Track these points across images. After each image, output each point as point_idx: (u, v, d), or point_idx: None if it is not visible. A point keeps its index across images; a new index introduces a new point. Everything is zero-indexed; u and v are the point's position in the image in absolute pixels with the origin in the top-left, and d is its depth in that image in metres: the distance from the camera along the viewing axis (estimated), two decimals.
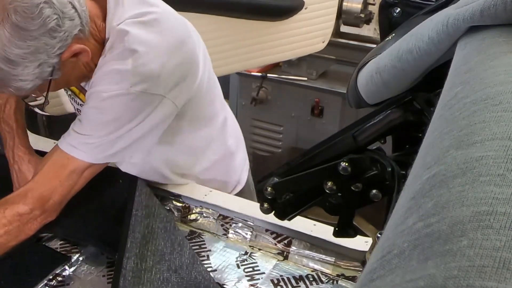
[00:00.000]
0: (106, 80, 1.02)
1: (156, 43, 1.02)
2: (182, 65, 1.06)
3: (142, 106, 1.03)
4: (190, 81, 1.09)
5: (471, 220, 0.24)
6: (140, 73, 1.00)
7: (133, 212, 1.04)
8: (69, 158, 1.05)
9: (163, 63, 1.01)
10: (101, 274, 1.06)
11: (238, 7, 1.82)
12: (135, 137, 1.06)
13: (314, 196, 0.84)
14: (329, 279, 1.04)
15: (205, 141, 1.29)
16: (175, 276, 0.98)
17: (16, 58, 0.90)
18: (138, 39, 1.00)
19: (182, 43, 1.07)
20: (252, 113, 2.65)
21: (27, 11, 0.87)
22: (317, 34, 2.05)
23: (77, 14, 0.94)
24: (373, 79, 0.69)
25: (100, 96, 1.02)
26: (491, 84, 0.33)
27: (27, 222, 1.03)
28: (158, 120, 1.06)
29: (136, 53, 0.99)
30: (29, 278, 1.03)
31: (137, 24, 1.02)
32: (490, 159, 0.27)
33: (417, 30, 0.57)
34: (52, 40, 0.92)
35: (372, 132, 0.77)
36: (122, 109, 1.02)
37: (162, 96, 1.04)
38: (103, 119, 1.03)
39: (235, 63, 1.93)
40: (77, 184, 1.07)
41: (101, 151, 1.05)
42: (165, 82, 1.03)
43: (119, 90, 1.00)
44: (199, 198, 1.23)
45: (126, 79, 0.99)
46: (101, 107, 1.03)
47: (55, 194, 1.05)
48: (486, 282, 0.21)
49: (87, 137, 1.04)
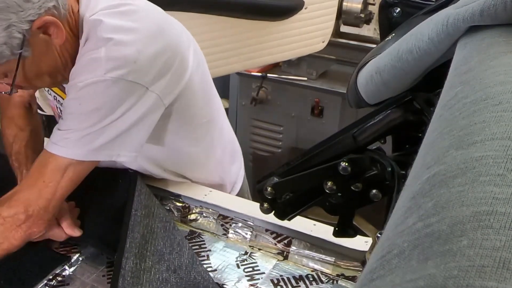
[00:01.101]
0: (82, 70, 0.98)
1: (131, 30, 0.98)
2: (162, 54, 1.01)
3: (122, 95, 0.98)
4: (176, 76, 1.05)
5: (471, 220, 0.24)
6: (114, 58, 0.96)
7: (133, 212, 1.04)
8: (50, 156, 1.00)
9: (138, 49, 0.97)
10: (101, 274, 1.06)
11: (238, 7, 1.82)
12: (119, 131, 1.00)
13: (314, 196, 0.84)
14: (329, 279, 1.04)
15: (201, 146, 1.26)
16: (174, 276, 0.98)
17: None
18: (112, 27, 0.97)
19: (161, 32, 1.03)
20: (252, 113, 2.65)
21: None
22: (317, 34, 2.05)
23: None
24: (373, 79, 0.69)
25: (77, 86, 0.98)
26: (491, 84, 0.33)
27: (11, 228, 0.97)
28: (142, 113, 1.01)
29: (110, 40, 0.96)
30: (29, 278, 1.03)
31: (111, 14, 0.98)
32: (490, 159, 0.27)
33: (417, 30, 0.57)
34: (25, 3, 0.88)
35: (372, 132, 0.77)
36: (100, 98, 0.98)
37: (145, 87, 0.99)
38: (82, 110, 0.98)
39: (235, 63, 1.93)
40: (62, 187, 1.01)
41: (82, 145, 0.99)
42: (144, 71, 0.98)
43: (94, 77, 0.96)
44: (199, 198, 1.23)
45: (100, 66, 0.96)
46: (78, 97, 0.98)
47: (40, 197, 0.99)
48: (486, 282, 0.21)
49: (67, 131, 0.99)
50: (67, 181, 1.01)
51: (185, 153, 1.25)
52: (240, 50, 1.91)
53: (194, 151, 1.26)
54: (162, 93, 1.03)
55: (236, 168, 1.42)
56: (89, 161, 1.03)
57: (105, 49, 0.95)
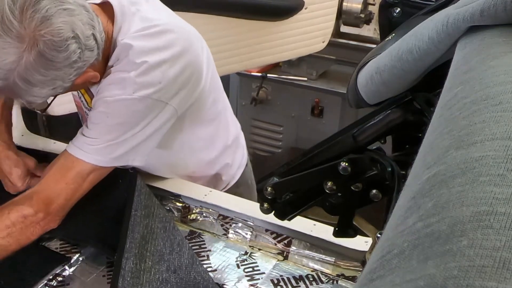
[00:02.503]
0: (111, 87, 1.06)
1: (158, 53, 1.06)
2: (183, 73, 1.10)
3: (146, 112, 1.08)
4: (192, 88, 1.14)
5: (471, 220, 0.24)
6: (143, 81, 1.05)
7: (132, 213, 1.04)
8: (75, 161, 1.08)
9: (163, 71, 1.06)
10: (101, 274, 1.06)
11: (238, 7, 1.82)
12: (138, 141, 1.10)
13: (314, 196, 0.84)
14: (329, 279, 1.04)
15: (205, 140, 1.31)
16: (174, 276, 0.98)
17: (35, 81, 0.94)
18: (141, 51, 1.05)
19: (184, 52, 1.10)
20: (252, 113, 2.64)
21: (55, 44, 0.91)
22: (317, 34, 2.04)
23: (97, 45, 0.99)
24: (373, 79, 0.69)
25: (106, 101, 1.07)
26: (491, 84, 0.33)
27: (30, 226, 1.04)
28: (159, 125, 1.11)
29: (139, 64, 1.04)
30: (29, 278, 1.03)
31: (140, 37, 1.06)
32: (490, 159, 0.27)
33: (417, 30, 0.57)
34: (70, 69, 0.96)
35: (372, 132, 0.77)
36: (127, 114, 1.07)
37: (165, 103, 1.09)
38: (109, 123, 1.08)
39: (235, 63, 1.93)
40: (82, 187, 1.10)
41: (106, 154, 1.09)
42: (166, 89, 1.08)
43: (122, 95, 1.05)
44: (199, 198, 1.23)
45: (129, 86, 1.04)
46: (107, 112, 1.07)
47: (60, 197, 1.07)
48: (486, 282, 0.21)
49: (93, 140, 1.08)
50: (88, 184, 1.10)
51: (191, 147, 1.30)
52: (240, 50, 1.91)
53: (198, 145, 1.30)
54: (178, 106, 1.12)
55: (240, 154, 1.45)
56: (109, 167, 1.12)
57: (135, 72, 1.04)
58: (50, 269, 1.05)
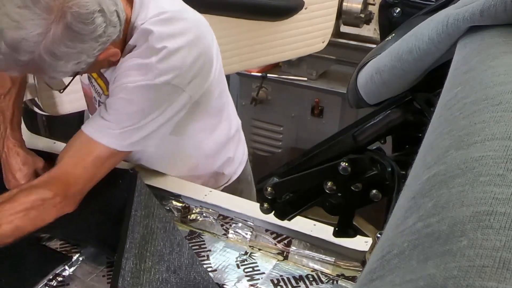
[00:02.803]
0: (131, 73, 1.07)
1: (176, 39, 1.07)
2: (199, 60, 1.11)
3: (165, 97, 1.09)
4: (204, 78, 1.15)
5: (471, 220, 0.24)
6: (164, 67, 1.06)
7: (132, 213, 1.04)
8: (94, 144, 1.09)
9: (183, 56, 1.07)
10: (101, 274, 1.06)
11: (238, 7, 1.82)
12: (156, 126, 1.11)
13: (314, 196, 0.84)
14: (329, 279, 1.04)
15: (210, 130, 1.32)
16: (174, 276, 0.98)
17: (61, 54, 0.95)
18: (160, 37, 1.06)
19: (199, 38, 1.12)
20: (252, 113, 2.64)
21: (82, 17, 0.92)
22: (317, 34, 2.04)
23: (119, 22, 1.01)
24: (373, 79, 0.69)
25: (126, 87, 1.07)
26: (491, 84, 0.33)
27: (47, 208, 1.05)
28: (176, 111, 1.12)
29: (159, 49, 1.05)
30: (29, 278, 1.03)
31: (159, 22, 1.07)
32: (490, 159, 0.27)
33: (417, 30, 0.57)
34: (95, 43, 0.98)
35: (372, 132, 0.77)
36: (148, 99, 1.08)
37: (182, 89, 1.10)
38: (129, 110, 1.08)
39: (235, 63, 1.93)
40: (100, 172, 1.11)
41: (125, 139, 1.09)
42: (184, 76, 1.09)
43: (145, 80, 1.06)
44: (199, 198, 1.23)
45: (151, 71, 1.05)
46: (127, 98, 1.08)
47: (79, 181, 1.09)
48: (486, 282, 0.21)
49: (113, 124, 1.09)
50: (105, 168, 1.12)
51: (196, 138, 1.31)
52: (240, 50, 1.91)
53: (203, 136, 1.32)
54: (193, 93, 1.13)
55: (241, 150, 1.46)
56: (126, 151, 1.13)
57: (156, 57, 1.05)
58: (50, 269, 1.05)
